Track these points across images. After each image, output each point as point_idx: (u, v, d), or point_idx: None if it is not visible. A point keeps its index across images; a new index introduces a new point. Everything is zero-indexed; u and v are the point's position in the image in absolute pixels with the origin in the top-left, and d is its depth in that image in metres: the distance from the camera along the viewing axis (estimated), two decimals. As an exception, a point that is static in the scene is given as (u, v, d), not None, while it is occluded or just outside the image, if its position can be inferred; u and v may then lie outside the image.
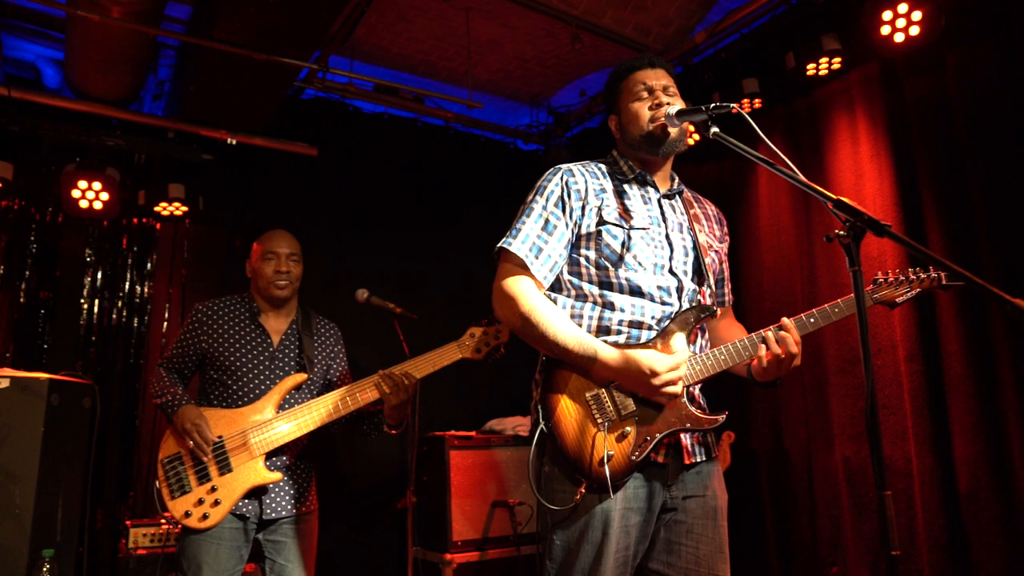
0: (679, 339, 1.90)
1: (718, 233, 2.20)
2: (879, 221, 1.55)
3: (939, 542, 3.16)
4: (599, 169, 2.10)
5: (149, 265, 4.35)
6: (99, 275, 4.23)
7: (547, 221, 1.98)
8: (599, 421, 1.85)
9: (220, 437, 2.64)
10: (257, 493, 2.67)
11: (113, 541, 3.78)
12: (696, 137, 4.43)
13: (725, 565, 1.92)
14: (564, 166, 2.07)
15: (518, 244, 1.95)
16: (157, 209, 4.18)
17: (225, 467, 2.62)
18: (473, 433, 4.26)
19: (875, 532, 3.37)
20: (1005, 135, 3.08)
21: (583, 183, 2.02)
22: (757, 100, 3.98)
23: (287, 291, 2.88)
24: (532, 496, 1.95)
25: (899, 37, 3.26)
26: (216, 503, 2.59)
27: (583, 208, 1.99)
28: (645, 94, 2.07)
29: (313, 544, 2.84)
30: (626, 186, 2.07)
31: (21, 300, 4.02)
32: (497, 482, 4.14)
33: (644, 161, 2.10)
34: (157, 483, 2.63)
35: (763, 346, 1.88)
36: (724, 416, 1.88)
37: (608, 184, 2.05)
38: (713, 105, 1.86)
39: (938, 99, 3.33)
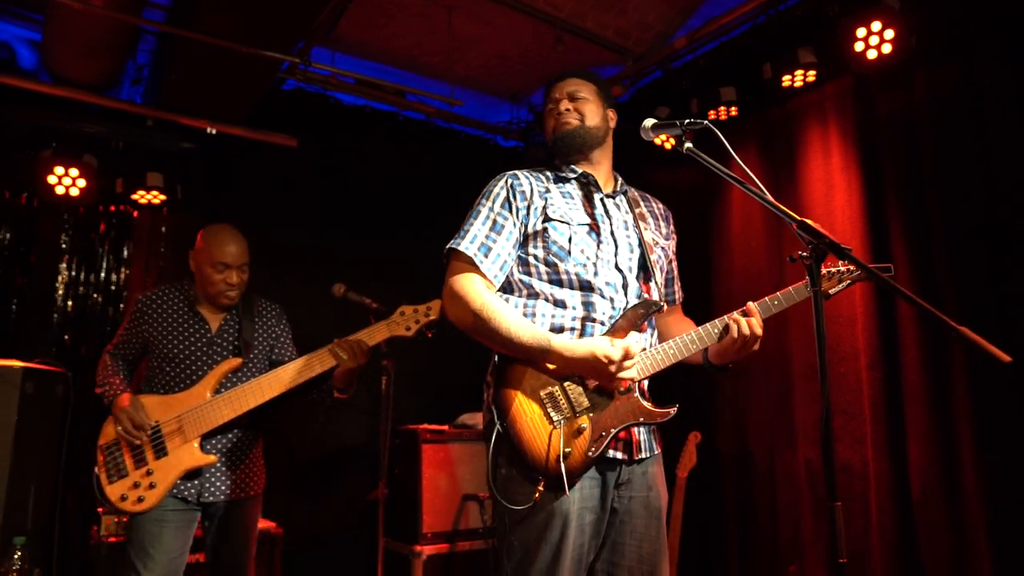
0: (631, 334, 1.96)
1: (664, 231, 2.27)
2: (840, 244, 1.63)
3: (891, 542, 3.30)
4: (543, 175, 2.17)
5: (126, 252, 4.33)
6: (75, 262, 4.20)
7: (495, 222, 2.04)
8: (554, 418, 1.89)
9: (157, 422, 2.71)
10: (196, 475, 2.73)
11: (84, 528, 3.78)
12: (672, 142, 4.51)
13: (666, 562, 1.99)
14: (510, 172, 2.15)
15: (466, 244, 2.00)
16: (135, 197, 4.15)
17: (161, 451, 2.68)
18: (446, 427, 4.32)
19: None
20: (963, 156, 3.18)
21: (528, 185, 2.10)
22: (734, 108, 4.05)
23: (237, 300, 2.91)
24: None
25: (872, 54, 3.34)
26: (151, 486, 2.65)
27: (528, 208, 2.06)
28: (551, 107, 2.21)
29: (253, 528, 2.90)
30: (569, 187, 2.15)
31: (-6, 286, 3.98)
32: (468, 476, 4.20)
33: (577, 161, 2.20)
34: (96, 468, 2.69)
35: (734, 326, 1.98)
36: (675, 409, 1.93)
37: (552, 186, 2.13)
38: (687, 121, 1.93)
39: (906, 116, 3.42)
